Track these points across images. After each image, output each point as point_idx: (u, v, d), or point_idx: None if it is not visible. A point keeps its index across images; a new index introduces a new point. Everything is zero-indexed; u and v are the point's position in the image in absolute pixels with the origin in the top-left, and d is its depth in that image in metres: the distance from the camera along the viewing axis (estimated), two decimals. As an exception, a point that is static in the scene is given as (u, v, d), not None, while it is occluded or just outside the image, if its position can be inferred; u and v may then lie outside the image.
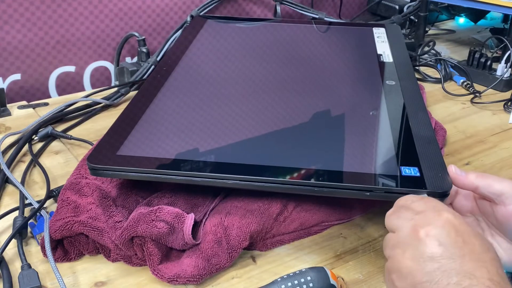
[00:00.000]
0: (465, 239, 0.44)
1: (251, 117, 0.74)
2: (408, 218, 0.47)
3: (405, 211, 0.48)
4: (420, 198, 0.50)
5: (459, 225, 0.45)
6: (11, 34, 1.04)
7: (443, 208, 0.47)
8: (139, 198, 0.66)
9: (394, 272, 0.45)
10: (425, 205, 0.47)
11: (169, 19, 1.20)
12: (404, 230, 0.46)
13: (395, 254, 0.45)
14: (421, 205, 0.48)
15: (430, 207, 0.47)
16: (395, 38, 1.01)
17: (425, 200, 0.49)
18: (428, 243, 0.44)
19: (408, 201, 0.50)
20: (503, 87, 1.04)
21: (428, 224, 0.45)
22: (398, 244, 0.46)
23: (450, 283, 0.42)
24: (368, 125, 0.72)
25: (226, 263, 0.58)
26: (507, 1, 1.03)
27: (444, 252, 0.43)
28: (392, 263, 0.46)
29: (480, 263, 0.43)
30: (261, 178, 0.59)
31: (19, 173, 0.76)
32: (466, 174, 0.55)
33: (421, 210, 0.47)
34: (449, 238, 0.44)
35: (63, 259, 0.61)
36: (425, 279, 0.42)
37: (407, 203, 0.49)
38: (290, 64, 0.91)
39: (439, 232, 0.44)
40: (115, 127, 0.68)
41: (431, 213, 0.46)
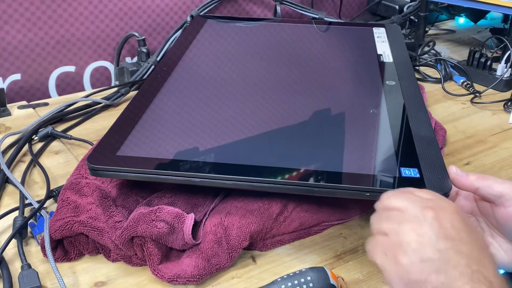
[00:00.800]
0: (471, 230, 0.45)
1: (251, 117, 0.74)
2: (417, 200, 0.47)
3: (411, 195, 0.48)
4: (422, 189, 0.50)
5: (465, 216, 0.46)
6: (11, 34, 1.04)
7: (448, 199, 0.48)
8: (139, 198, 0.66)
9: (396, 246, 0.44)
10: (430, 194, 0.48)
11: (169, 19, 1.20)
12: (415, 209, 0.45)
13: (403, 229, 0.44)
14: (426, 194, 0.48)
15: (436, 196, 0.48)
16: (395, 38, 1.01)
17: (429, 191, 0.49)
18: (443, 223, 0.44)
19: (410, 189, 0.50)
20: (503, 87, 1.04)
21: (441, 208, 0.45)
22: (409, 219, 0.45)
23: (460, 264, 0.42)
24: (368, 125, 0.72)
25: (226, 263, 0.59)
26: (507, 1, 1.03)
27: (457, 235, 0.44)
28: (397, 236, 0.44)
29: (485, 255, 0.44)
30: (261, 178, 0.59)
31: (19, 173, 0.76)
32: (467, 175, 0.55)
33: (429, 197, 0.47)
34: (459, 224, 0.44)
35: (63, 259, 0.61)
36: (437, 256, 0.42)
37: (409, 190, 0.49)
38: (290, 64, 0.91)
39: (451, 217, 0.45)
40: (115, 127, 0.68)
41: (440, 201, 0.47)
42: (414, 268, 0.43)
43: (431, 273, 0.42)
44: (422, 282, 0.42)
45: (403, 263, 0.43)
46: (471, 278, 0.41)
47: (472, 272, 0.42)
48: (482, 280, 0.41)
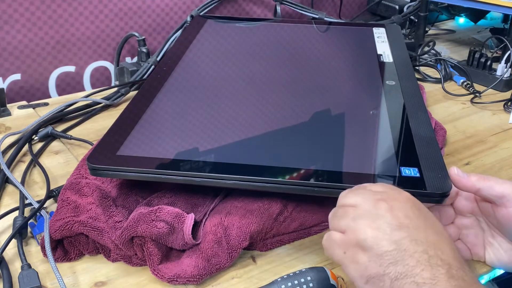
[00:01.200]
0: (426, 216, 0.46)
1: (251, 117, 0.74)
2: (369, 194, 0.48)
3: (364, 190, 0.49)
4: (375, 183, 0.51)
5: (419, 204, 0.47)
6: (11, 34, 1.04)
7: (401, 189, 0.49)
8: (139, 198, 0.66)
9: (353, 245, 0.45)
10: (383, 187, 0.49)
11: (169, 19, 1.20)
12: (367, 204, 0.47)
13: (359, 225, 0.45)
14: (379, 186, 0.49)
15: (388, 188, 0.49)
16: (395, 38, 1.01)
17: (382, 184, 0.50)
18: (395, 214, 0.45)
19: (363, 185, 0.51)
20: (503, 87, 1.04)
21: (392, 199, 0.46)
22: (362, 216, 0.46)
23: (417, 251, 0.43)
24: (368, 125, 0.72)
25: (226, 263, 0.58)
26: (507, 1, 1.03)
27: (410, 223, 0.44)
28: (353, 234, 0.45)
29: (443, 238, 0.45)
30: (261, 178, 0.59)
31: (19, 173, 0.76)
32: (468, 176, 0.55)
33: (381, 190, 0.48)
34: (413, 212, 0.46)
35: (63, 259, 0.61)
36: (393, 247, 0.43)
37: (362, 186, 0.51)
38: (290, 64, 0.91)
39: (403, 206, 0.46)
40: (115, 127, 0.68)
41: (392, 191, 0.48)
42: (372, 264, 0.44)
43: (389, 265, 0.43)
44: (381, 275, 0.43)
45: (362, 261, 0.44)
46: (429, 263, 0.42)
47: (429, 257, 0.42)
48: (440, 264, 0.42)
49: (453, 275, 0.42)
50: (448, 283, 0.41)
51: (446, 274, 0.42)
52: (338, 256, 0.47)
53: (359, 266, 0.45)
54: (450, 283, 0.41)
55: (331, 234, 0.48)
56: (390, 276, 0.43)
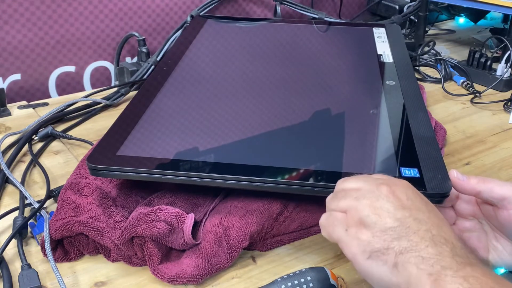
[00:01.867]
0: (426, 201, 0.47)
1: (251, 117, 0.74)
2: (371, 179, 0.48)
3: (365, 177, 0.50)
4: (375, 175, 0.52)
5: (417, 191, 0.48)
6: (11, 34, 1.04)
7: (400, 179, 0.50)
8: (139, 198, 0.66)
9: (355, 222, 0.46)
10: (383, 177, 0.50)
11: (169, 19, 1.20)
12: (369, 186, 0.47)
13: (361, 204, 0.46)
14: (379, 176, 0.50)
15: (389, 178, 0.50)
16: (395, 38, 1.01)
17: (381, 175, 0.51)
18: (398, 195, 0.46)
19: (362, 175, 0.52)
20: (503, 87, 1.04)
21: (394, 184, 0.47)
22: (365, 195, 0.46)
23: (420, 229, 0.43)
24: (368, 125, 0.72)
25: (226, 263, 0.58)
26: (507, 1, 1.03)
27: (412, 204, 0.45)
28: (355, 212, 0.46)
29: (444, 223, 0.45)
30: (261, 178, 0.59)
31: (19, 173, 0.76)
32: (468, 178, 0.54)
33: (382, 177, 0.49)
34: (415, 195, 0.46)
35: (63, 259, 0.61)
36: (397, 224, 0.44)
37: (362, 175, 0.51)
38: (290, 64, 0.91)
39: (405, 190, 0.46)
40: (115, 127, 0.68)
41: (393, 179, 0.49)
42: (376, 239, 0.44)
43: (393, 240, 0.43)
44: (385, 249, 0.43)
45: (364, 237, 0.45)
46: (433, 240, 0.43)
47: (432, 235, 0.43)
48: (443, 242, 0.43)
49: (457, 253, 0.42)
50: (454, 260, 0.41)
51: (451, 252, 0.42)
52: (338, 233, 0.47)
53: (362, 242, 0.44)
54: (455, 259, 0.41)
55: (331, 213, 0.48)
56: (395, 250, 0.43)
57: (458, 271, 0.40)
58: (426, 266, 0.41)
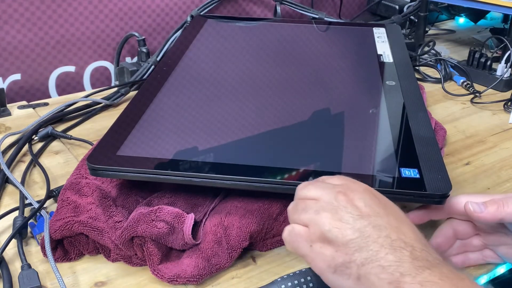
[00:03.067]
0: (386, 204, 0.47)
1: (251, 117, 0.74)
2: (329, 187, 0.48)
3: (323, 183, 0.50)
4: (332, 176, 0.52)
5: (376, 193, 0.48)
6: (11, 34, 1.04)
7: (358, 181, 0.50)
8: (139, 198, 0.66)
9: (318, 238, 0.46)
10: (341, 179, 0.50)
11: (169, 19, 1.20)
12: (328, 196, 0.47)
13: (321, 218, 0.46)
14: (337, 179, 0.50)
15: (347, 180, 0.50)
16: (395, 38, 1.01)
17: (338, 176, 0.51)
18: (356, 204, 0.46)
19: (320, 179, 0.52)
20: (503, 87, 1.04)
21: (351, 190, 0.47)
22: (324, 208, 0.47)
23: (380, 236, 0.44)
24: (368, 126, 0.72)
25: (226, 263, 0.59)
26: (507, 1, 1.03)
27: (371, 211, 0.46)
28: (317, 227, 0.46)
29: (404, 223, 0.46)
30: (261, 178, 0.59)
31: (19, 173, 0.76)
32: (485, 208, 0.54)
33: (340, 182, 0.49)
34: (373, 201, 0.47)
35: (63, 259, 0.61)
36: (357, 235, 0.44)
37: (321, 179, 0.51)
38: (290, 64, 0.91)
39: (363, 196, 0.47)
40: (115, 127, 0.68)
41: (350, 183, 0.49)
42: (339, 253, 0.45)
43: (355, 252, 0.44)
44: (347, 263, 0.44)
45: (328, 252, 0.45)
46: (392, 246, 0.43)
47: (392, 241, 0.43)
48: (403, 246, 0.43)
49: (417, 257, 0.43)
50: (412, 264, 0.42)
51: (410, 256, 0.43)
52: (303, 249, 0.48)
53: (326, 257, 0.45)
54: (414, 264, 0.42)
55: (294, 228, 0.49)
56: (357, 263, 0.44)
57: (416, 277, 0.41)
58: (386, 275, 0.42)
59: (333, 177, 0.51)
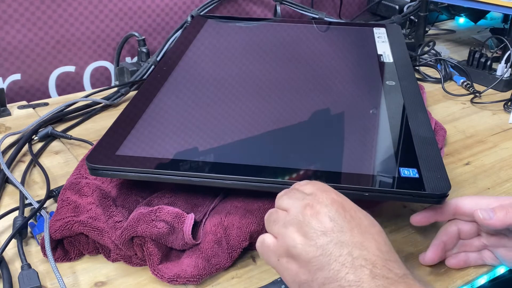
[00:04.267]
0: (352, 215, 0.47)
1: (251, 117, 0.74)
2: (299, 198, 0.48)
3: (296, 193, 0.50)
4: (308, 182, 0.51)
5: (345, 202, 0.48)
6: (11, 34, 1.04)
7: (329, 189, 0.49)
8: (139, 198, 0.66)
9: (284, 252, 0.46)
10: (313, 187, 0.50)
11: (169, 19, 1.20)
12: (296, 209, 0.47)
13: (288, 232, 0.46)
14: (309, 187, 0.50)
15: (317, 189, 0.49)
16: (395, 38, 1.01)
17: (312, 183, 0.51)
18: (320, 219, 0.46)
19: (297, 185, 0.52)
20: (503, 87, 1.05)
21: (318, 202, 0.47)
22: (291, 222, 0.47)
23: (342, 254, 0.44)
24: (367, 125, 0.72)
25: (226, 263, 0.59)
26: (507, 1, 1.03)
27: (334, 226, 0.45)
28: (283, 241, 0.46)
29: (368, 235, 0.45)
30: (261, 178, 0.59)
31: (19, 173, 0.76)
32: (494, 214, 0.54)
33: (310, 191, 0.49)
34: (338, 214, 0.46)
35: (63, 259, 0.61)
36: (319, 252, 0.44)
37: (296, 186, 0.51)
38: (290, 64, 0.91)
39: (329, 210, 0.46)
40: (114, 127, 0.68)
41: (319, 193, 0.48)
42: (302, 270, 0.45)
43: (316, 270, 0.44)
44: (310, 281, 0.44)
45: (293, 268, 0.46)
46: (353, 265, 0.43)
47: (353, 259, 0.43)
48: (363, 264, 0.43)
49: (376, 275, 0.42)
50: (373, 283, 0.42)
51: (370, 275, 0.42)
52: (272, 262, 0.48)
53: (291, 272, 0.46)
54: (374, 282, 0.42)
55: (264, 239, 0.49)
56: (318, 282, 0.44)
57: None
58: None
59: (307, 184, 0.51)
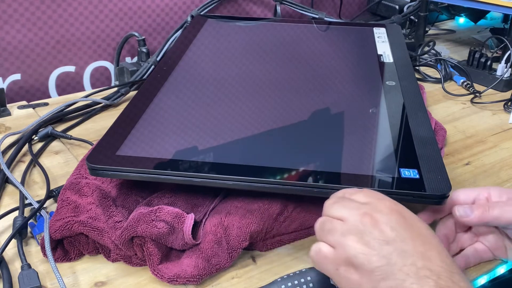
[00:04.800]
0: (412, 224, 0.46)
1: (251, 117, 0.74)
2: (354, 207, 0.48)
3: (349, 202, 0.49)
4: (359, 190, 0.50)
5: (403, 211, 0.47)
6: (11, 34, 1.04)
7: (385, 197, 0.49)
8: (139, 198, 0.66)
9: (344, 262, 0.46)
10: (366, 197, 0.49)
11: (169, 19, 1.20)
12: (354, 218, 0.47)
13: (347, 241, 0.45)
14: (363, 196, 0.49)
15: (372, 197, 0.48)
16: (395, 38, 1.01)
17: (365, 192, 0.50)
18: (382, 228, 0.45)
19: (347, 193, 0.50)
20: (503, 87, 1.04)
21: (376, 211, 0.46)
22: (350, 231, 0.46)
23: (406, 264, 0.43)
24: (367, 126, 0.72)
25: (226, 263, 0.59)
26: (507, 1, 1.03)
27: (397, 235, 0.45)
28: (343, 250, 0.46)
29: (430, 245, 0.45)
30: (261, 178, 0.59)
31: (19, 173, 0.76)
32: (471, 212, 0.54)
33: (365, 201, 0.48)
34: (399, 223, 0.45)
35: (63, 259, 0.61)
36: (382, 262, 0.44)
37: (347, 195, 0.50)
38: (290, 64, 0.91)
39: (388, 219, 0.46)
40: (114, 127, 0.68)
41: (376, 202, 0.48)
42: (365, 280, 0.44)
43: (381, 280, 0.43)
44: None
45: (354, 278, 0.45)
46: (418, 276, 0.42)
47: (417, 269, 0.43)
48: (428, 275, 0.42)
49: (441, 287, 0.42)
50: None
51: (435, 286, 0.42)
52: (330, 271, 0.48)
53: (352, 282, 0.45)
54: None
55: (320, 249, 0.48)
56: None
57: None
58: None
59: (359, 193, 0.50)
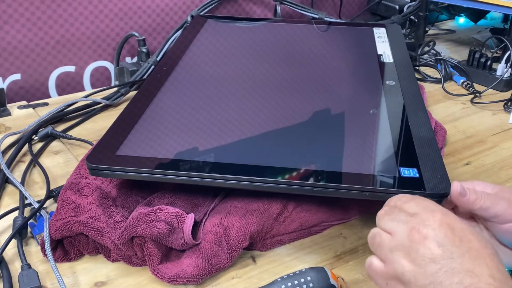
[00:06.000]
0: (462, 237, 0.45)
1: (251, 117, 0.74)
2: (403, 220, 0.47)
3: (399, 213, 0.48)
4: (411, 198, 0.50)
5: (454, 223, 0.46)
6: (11, 34, 1.04)
7: (436, 207, 0.47)
8: (139, 198, 0.66)
9: (393, 277, 0.46)
10: (417, 207, 0.48)
11: (169, 19, 1.20)
12: (402, 233, 0.46)
13: (395, 257, 0.45)
14: (413, 206, 0.48)
15: (423, 208, 0.47)
16: (395, 38, 1.01)
17: (416, 201, 0.49)
18: (428, 245, 0.44)
19: (399, 201, 0.49)
20: (503, 87, 1.04)
21: (424, 226, 0.45)
22: (398, 247, 0.46)
23: (452, 283, 0.42)
24: (368, 125, 0.72)
25: (226, 263, 0.59)
26: (507, 1, 1.03)
27: (444, 252, 0.44)
28: (392, 266, 0.46)
29: (479, 260, 0.43)
30: (261, 178, 0.59)
31: (19, 173, 0.76)
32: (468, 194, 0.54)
33: (414, 211, 0.47)
34: (447, 238, 0.44)
35: (63, 259, 0.61)
36: (429, 281, 0.43)
37: (398, 203, 0.49)
38: (290, 64, 0.91)
39: (436, 233, 0.44)
40: (114, 127, 0.68)
41: (425, 214, 0.46)
42: None
43: None
44: None
45: None
46: None
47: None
48: None
49: None
50: None
51: None
52: (380, 285, 0.48)
53: None
54: None
55: (372, 262, 0.48)
56: None
57: None
58: None
59: (411, 202, 0.49)
